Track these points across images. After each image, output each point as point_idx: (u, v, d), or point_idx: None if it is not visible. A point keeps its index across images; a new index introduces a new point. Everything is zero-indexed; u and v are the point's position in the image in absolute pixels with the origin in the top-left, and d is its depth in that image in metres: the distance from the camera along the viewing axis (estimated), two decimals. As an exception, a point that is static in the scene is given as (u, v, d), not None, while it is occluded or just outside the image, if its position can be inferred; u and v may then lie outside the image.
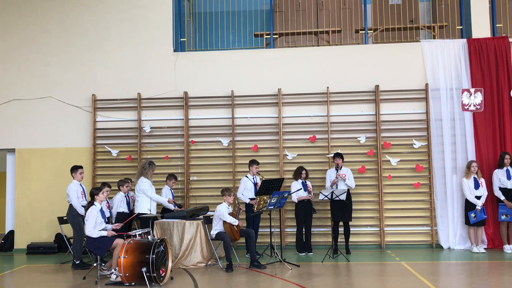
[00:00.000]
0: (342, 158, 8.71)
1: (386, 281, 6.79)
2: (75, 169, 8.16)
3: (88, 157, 9.81)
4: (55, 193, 9.64)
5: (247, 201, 8.43)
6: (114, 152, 9.75)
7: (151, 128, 9.74)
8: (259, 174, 8.75)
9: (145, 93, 9.88)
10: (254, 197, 8.46)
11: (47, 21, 10.17)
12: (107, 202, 8.02)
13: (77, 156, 9.74)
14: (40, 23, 10.19)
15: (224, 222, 7.58)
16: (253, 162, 8.68)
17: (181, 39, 10.31)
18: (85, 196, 8.08)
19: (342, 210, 8.45)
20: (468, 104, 9.26)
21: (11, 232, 9.95)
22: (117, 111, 9.92)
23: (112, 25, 10.11)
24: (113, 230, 6.98)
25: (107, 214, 7.47)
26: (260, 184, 8.46)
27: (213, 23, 10.96)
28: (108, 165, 9.84)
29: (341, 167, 8.68)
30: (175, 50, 10.07)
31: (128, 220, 7.85)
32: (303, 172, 8.69)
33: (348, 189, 8.56)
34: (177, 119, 9.83)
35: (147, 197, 7.99)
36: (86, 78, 10.02)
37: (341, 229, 8.67)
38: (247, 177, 8.63)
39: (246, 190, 8.50)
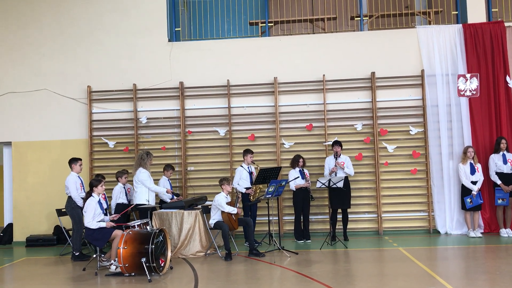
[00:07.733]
0: (341, 146, 8.72)
1: (384, 267, 6.85)
2: (74, 161, 8.12)
3: (85, 149, 9.79)
4: (52, 186, 9.64)
5: (243, 190, 8.45)
6: (111, 144, 9.74)
7: (147, 119, 9.72)
8: (253, 163, 8.76)
9: (141, 83, 9.84)
10: (250, 186, 8.48)
11: (39, 12, 10.07)
12: (103, 194, 8.00)
13: (73, 148, 9.72)
14: (32, 14, 10.09)
15: (223, 211, 7.60)
16: (247, 152, 8.69)
17: (176, 29, 10.24)
18: (83, 188, 8.06)
19: (341, 197, 8.47)
20: (464, 90, 9.26)
21: (10, 225, 9.96)
22: (113, 102, 9.88)
23: (104, 15, 10.02)
24: (112, 221, 6.99)
25: (105, 206, 7.47)
26: (255, 173, 8.48)
27: (208, 12, 10.88)
28: (105, 157, 9.83)
29: (340, 155, 8.69)
30: (169, 40, 10.01)
31: (125, 211, 7.85)
32: (300, 160, 8.71)
33: (347, 176, 8.60)
34: (173, 110, 9.80)
35: (146, 188, 8.01)
36: (81, 69, 9.97)
37: (339, 216, 8.72)
38: (242, 166, 8.63)
39: (241, 180, 8.51)
